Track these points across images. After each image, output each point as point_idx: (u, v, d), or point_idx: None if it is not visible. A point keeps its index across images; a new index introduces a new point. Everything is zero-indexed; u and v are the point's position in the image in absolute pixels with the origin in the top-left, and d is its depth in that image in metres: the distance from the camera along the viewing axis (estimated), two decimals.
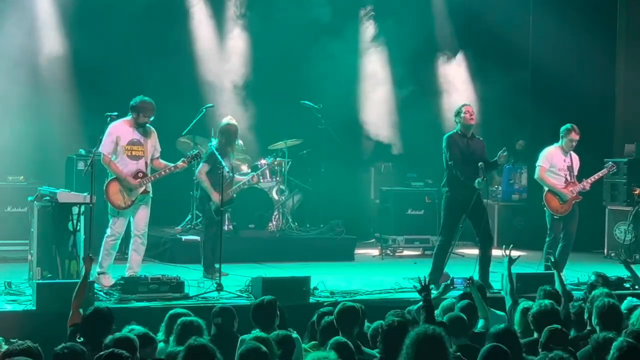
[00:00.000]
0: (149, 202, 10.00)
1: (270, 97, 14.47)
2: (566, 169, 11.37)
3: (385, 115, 15.08)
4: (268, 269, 11.38)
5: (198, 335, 5.94)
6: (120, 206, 9.83)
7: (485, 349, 5.61)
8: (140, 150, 9.92)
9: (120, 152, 9.81)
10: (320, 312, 7.26)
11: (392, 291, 10.09)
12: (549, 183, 11.31)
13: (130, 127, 9.87)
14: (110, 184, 9.78)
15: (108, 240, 9.90)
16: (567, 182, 11.34)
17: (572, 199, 11.30)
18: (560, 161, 11.37)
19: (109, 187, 9.78)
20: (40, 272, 9.29)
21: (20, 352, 5.36)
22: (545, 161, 11.36)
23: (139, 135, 9.93)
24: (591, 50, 15.53)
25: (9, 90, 12.63)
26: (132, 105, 9.91)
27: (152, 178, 9.96)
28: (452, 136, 10.41)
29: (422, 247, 13.98)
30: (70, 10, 13.29)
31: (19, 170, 12.71)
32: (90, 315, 6.59)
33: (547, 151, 11.43)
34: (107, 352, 5.12)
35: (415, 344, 5.04)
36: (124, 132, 9.84)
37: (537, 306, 6.96)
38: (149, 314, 8.34)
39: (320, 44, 14.25)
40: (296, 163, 13.94)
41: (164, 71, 13.59)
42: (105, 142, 9.78)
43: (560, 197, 11.28)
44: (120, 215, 9.87)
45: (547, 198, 11.33)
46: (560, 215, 11.29)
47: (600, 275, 9.10)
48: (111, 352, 5.10)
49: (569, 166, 11.39)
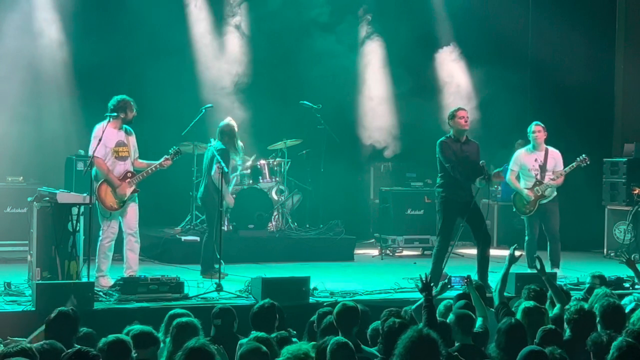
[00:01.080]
0: (136, 200, 10.09)
1: (270, 97, 14.47)
2: (537, 168, 11.69)
3: (385, 115, 15.08)
4: (268, 269, 11.37)
5: (194, 336, 5.92)
6: (112, 207, 9.88)
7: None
8: (125, 151, 10.01)
9: (109, 154, 9.86)
10: (320, 313, 7.26)
11: (392, 291, 10.10)
12: (514, 185, 11.75)
13: (114, 129, 9.93)
14: (101, 186, 9.81)
15: (104, 244, 9.92)
16: (536, 181, 11.67)
17: (535, 199, 11.62)
18: (530, 161, 11.67)
19: (100, 189, 9.80)
20: (39, 273, 9.28)
21: (16, 353, 5.34)
22: (514, 164, 11.81)
23: (124, 136, 10.02)
24: (590, 50, 15.56)
25: (8, 91, 12.65)
26: (116, 106, 9.94)
27: (140, 177, 10.04)
28: (444, 141, 10.38)
29: (421, 247, 13.98)
30: (70, 11, 13.29)
31: (19, 170, 12.72)
32: (55, 318, 6.58)
33: (516, 154, 11.85)
34: (73, 350, 5.11)
35: (408, 347, 5.04)
36: (110, 134, 9.88)
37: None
38: (149, 314, 8.33)
39: (319, 44, 14.25)
40: (296, 163, 13.94)
41: (163, 72, 13.60)
42: (93, 145, 9.82)
43: (524, 198, 11.64)
44: (112, 217, 9.92)
45: (514, 199, 11.86)
46: (525, 215, 11.72)
47: (597, 276, 9.10)
48: (77, 350, 5.09)
49: (541, 165, 11.68)
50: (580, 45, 15.51)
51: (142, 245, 12.46)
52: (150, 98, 13.29)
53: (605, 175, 14.53)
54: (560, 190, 14.79)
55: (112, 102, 9.98)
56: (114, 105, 9.95)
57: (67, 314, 6.59)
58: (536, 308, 7.10)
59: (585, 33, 15.37)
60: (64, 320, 6.54)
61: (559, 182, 11.72)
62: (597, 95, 15.73)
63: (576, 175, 14.68)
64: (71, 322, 6.54)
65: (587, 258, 13.94)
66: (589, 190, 14.82)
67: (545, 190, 11.60)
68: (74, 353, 5.08)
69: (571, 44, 15.45)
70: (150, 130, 12.30)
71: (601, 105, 15.85)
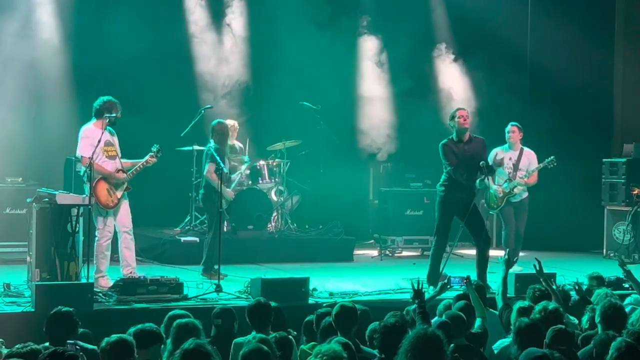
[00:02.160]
0: (127, 198, 10.15)
1: (269, 97, 14.46)
2: (511, 167, 12.11)
3: (384, 115, 15.08)
4: (267, 270, 11.37)
5: (194, 337, 5.92)
6: (108, 205, 9.91)
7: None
8: (113, 150, 10.10)
9: (99, 154, 9.88)
10: (319, 313, 7.26)
11: (391, 292, 10.11)
12: (488, 182, 12.00)
13: (100, 129, 9.94)
14: (98, 183, 9.82)
15: (101, 243, 9.94)
16: (507, 179, 12.10)
17: (503, 196, 12.05)
18: (504, 160, 11.72)
19: (97, 188, 9.80)
20: (39, 274, 9.27)
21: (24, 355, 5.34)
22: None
23: (109, 137, 10.08)
24: (589, 50, 15.56)
25: (7, 91, 12.64)
26: (102, 107, 10.00)
27: (131, 174, 10.08)
28: (446, 144, 10.37)
29: (421, 247, 13.98)
30: (69, 12, 13.28)
31: (18, 171, 12.71)
32: (52, 318, 6.58)
33: (491, 153, 11.88)
34: (49, 351, 5.11)
35: (414, 345, 5.04)
36: (98, 134, 9.90)
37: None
38: (148, 315, 8.32)
39: (318, 44, 14.25)
40: (295, 164, 13.94)
41: (162, 73, 13.60)
42: (85, 146, 9.85)
43: (493, 194, 12.13)
44: (108, 215, 9.96)
45: (485, 195, 12.30)
46: (494, 210, 12.41)
47: (595, 277, 9.09)
48: (53, 351, 5.10)
49: (514, 164, 12.12)
50: (579, 46, 15.51)
51: (141, 246, 12.49)
52: (149, 99, 13.32)
53: (605, 176, 14.53)
54: (560, 190, 14.86)
55: (98, 102, 10.02)
56: (100, 106, 9.99)
57: (64, 314, 6.58)
58: (530, 308, 7.11)
59: (585, 34, 15.37)
60: (62, 321, 6.53)
61: (530, 181, 12.11)
62: (596, 95, 15.73)
63: (575, 175, 14.75)
64: (69, 322, 6.53)
65: (587, 258, 13.94)
66: (588, 191, 14.83)
67: (514, 188, 12.02)
68: (50, 354, 5.07)
69: (570, 44, 15.45)
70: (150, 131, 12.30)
71: (600, 106, 15.86)
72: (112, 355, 5.52)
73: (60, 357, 5.03)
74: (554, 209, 14.96)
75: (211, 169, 11.04)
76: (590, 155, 15.11)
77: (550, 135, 15.17)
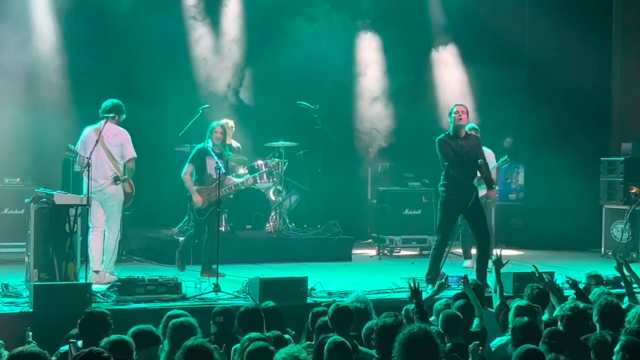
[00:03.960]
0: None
1: (267, 97, 14.46)
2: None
3: (382, 114, 15.09)
4: (265, 269, 11.37)
5: (191, 336, 5.93)
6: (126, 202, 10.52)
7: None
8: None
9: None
10: (314, 312, 7.25)
11: (390, 291, 10.09)
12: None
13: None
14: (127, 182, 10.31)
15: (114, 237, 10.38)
16: None
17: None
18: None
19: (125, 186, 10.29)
20: (37, 274, 9.28)
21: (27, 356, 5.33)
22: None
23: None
24: (587, 48, 15.54)
25: (5, 91, 12.64)
26: (113, 108, 10.24)
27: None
28: (442, 139, 10.34)
29: (419, 247, 13.98)
30: (67, 14, 13.28)
31: (16, 172, 12.70)
32: (85, 318, 6.59)
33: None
34: (84, 351, 5.10)
35: (403, 345, 5.04)
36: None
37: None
38: (147, 315, 8.32)
39: (317, 44, 14.24)
40: (293, 164, 13.93)
41: (161, 73, 13.58)
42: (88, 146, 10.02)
43: None
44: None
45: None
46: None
47: (593, 276, 9.09)
48: (89, 351, 5.09)
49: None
50: (577, 45, 15.50)
51: (139, 246, 12.52)
52: (148, 99, 13.30)
53: (603, 174, 14.53)
54: (558, 189, 14.87)
55: (107, 103, 10.08)
56: (109, 107, 10.03)
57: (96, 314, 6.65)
58: (529, 307, 7.10)
59: (582, 32, 15.36)
60: (93, 321, 6.59)
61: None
62: (594, 94, 15.73)
63: (573, 174, 14.75)
64: (100, 322, 6.57)
65: (585, 257, 13.94)
66: (586, 190, 14.83)
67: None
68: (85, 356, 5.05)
69: (568, 43, 15.44)
70: (149, 131, 12.32)
71: (598, 104, 15.85)
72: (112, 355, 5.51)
73: (97, 357, 5.00)
74: (551, 208, 14.97)
75: (188, 170, 11.15)
76: (588, 154, 15.12)
77: (548, 133, 15.18)
